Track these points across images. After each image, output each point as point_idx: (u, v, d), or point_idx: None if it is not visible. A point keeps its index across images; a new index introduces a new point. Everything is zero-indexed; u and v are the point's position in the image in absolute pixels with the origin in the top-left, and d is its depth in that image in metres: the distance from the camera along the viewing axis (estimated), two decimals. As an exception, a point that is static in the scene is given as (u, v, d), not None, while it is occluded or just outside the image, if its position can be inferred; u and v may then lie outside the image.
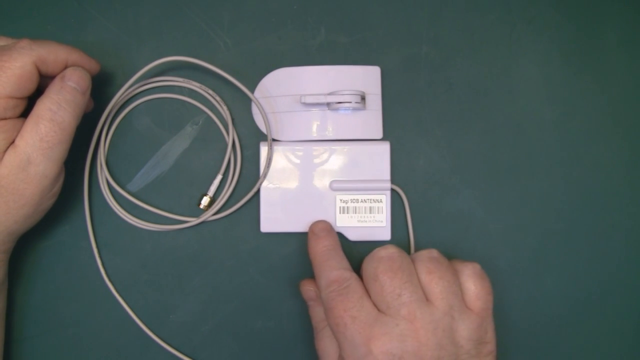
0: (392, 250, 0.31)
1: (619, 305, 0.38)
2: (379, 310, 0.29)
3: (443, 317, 0.29)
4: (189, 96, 0.38)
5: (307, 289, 0.35)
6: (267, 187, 0.37)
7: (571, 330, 0.38)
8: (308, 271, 0.38)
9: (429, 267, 0.30)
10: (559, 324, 0.38)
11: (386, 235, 0.37)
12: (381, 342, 0.28)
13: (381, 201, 0.37)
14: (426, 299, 0.29)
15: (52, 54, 0.31)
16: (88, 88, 0.32)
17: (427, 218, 0.38)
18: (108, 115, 0.37)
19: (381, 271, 0.30)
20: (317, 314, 0.35)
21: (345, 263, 0.32)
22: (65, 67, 0.32)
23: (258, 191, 0.37)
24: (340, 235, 0.37)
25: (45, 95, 0.31)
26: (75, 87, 0.31)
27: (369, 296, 0.30)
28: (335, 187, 0.37)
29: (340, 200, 0.37)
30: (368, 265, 0.31)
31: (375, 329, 0.28)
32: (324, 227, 0.35)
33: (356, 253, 0.38)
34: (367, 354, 0.28)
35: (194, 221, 0.37)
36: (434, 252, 0.32)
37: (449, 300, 0.29)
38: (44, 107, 0.30)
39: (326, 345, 0.33)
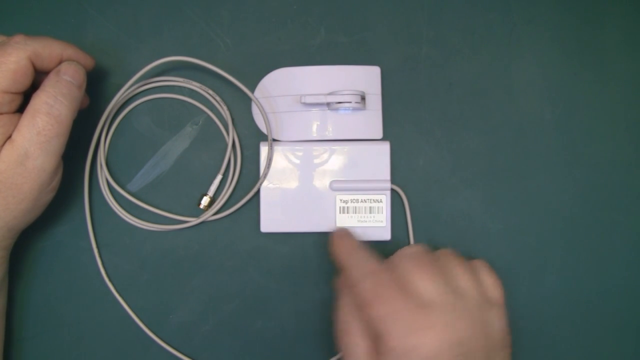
0: (420, 247, 0.32)
1: (619, 305, 0.38)
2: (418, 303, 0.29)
3: (477, 309, 0.30)
4: (189, 96, 0.38)
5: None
6: (267, 187, 0.37)
7: (571, 330, 0.38)
8: (308, 271, 0.38)
9: (453, 263, 0.31)
10: (559, 324, 0.38)
11: (386, 235, 0.37)
12: (428, 333, 0.28)
13: (381, 201, 0.37)
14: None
15: (46, 48, 0.31)
16: (83, 82, 0.33)
17: (427, 218, 0.38)
18: (108, 115, 0.37)
19: (419, 266, 0.30)
20: (346, 310, 0.33)
21: (374, 257, 0.32)
22: (60, 62, 0.32)
23: (258, 191, 0.37)
24: (340, 235, 0.37)
25: (41, 89, 0.31)
26: (71, 80, 0.32)
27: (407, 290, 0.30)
28: (335, 187, 0.37)
29: (340, 200, 0.37)
30: (402, 262, 0.31)
31: (420, 320, 0.28)
32: (345, 230, 0.35)
33: (356, 253, 0.38)
34: (416, 346, 0.28)
35: (194, 221, 0.37)
36: (450, 250, 0.32)
37: (478, 292, 0.31)
38: (40, 100, 0.30)
39: (357, 347, 0.31)
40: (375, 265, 0.31)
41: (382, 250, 0.36)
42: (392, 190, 0.37)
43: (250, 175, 0.38)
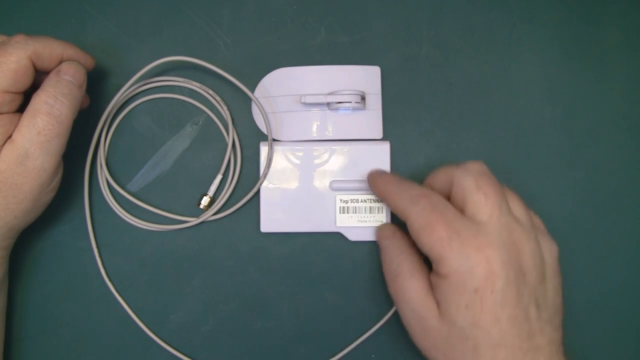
0: (483, 164, 0.32)
1: (619, 305, 0.38)
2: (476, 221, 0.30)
3: (530, 229, 0.30)
4: (189, 96, 0.38)
5: (384, 226, 0.35)
6: (267, 187, 0.37)
7: (571, 331, 0.38)
8: (308, 271, 0.38)
9: (505, 188, 0.32)
10: (559, 324, 0.38)
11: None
12: (490, 249, 0.28)
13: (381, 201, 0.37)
14: None
15: (47, 48, 0.31)
16: (84, 82, 0.33)
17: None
18: (108, 115, 0.37)
19: (484, 183, 0.30)
20: (393, 254, 0.33)
21: (419, 185, 0.32)
22: (61, 62, 0.32)
23: (258, 191, 0.37)
24: (340, 235, 0.37)
25: (42, 89, 0.31)
26: (72, 80, 0.32)
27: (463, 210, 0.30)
28: (335, 187, 0.37)
29: (340, 200, 0.37)
30: (466, 178, 0.30)
31: (481, 238, 0.29)
32: (380, 169, 0.36)
33: (356, 253, 0.38)
34: (479, 263, 0.28)
35: (194, 221, 0.37)
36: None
37: (529, 219, 0.31)
38: (41, 100, 0.30)
39: (411, 284, 0.31)
40: (424, 189, 0.31)
41: (382, 250, 0.36)
42: (392, 190, 0.37)
43: (250, 175, 0.38)
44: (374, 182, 0.35)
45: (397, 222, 0.38)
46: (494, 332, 0.28)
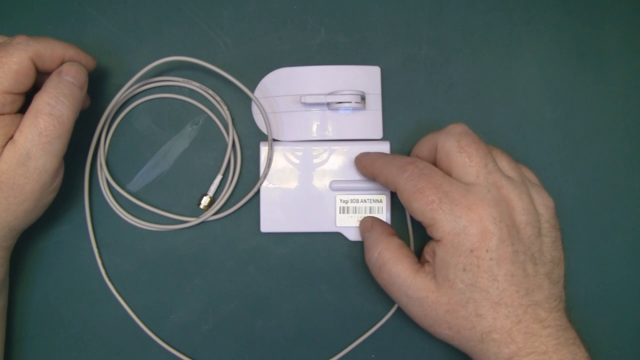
0: (465, 126, 0.32)
1: (619, 305, 0.38)
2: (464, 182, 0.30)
3: (521, 185, 0.30)
4: (189, 96, 0.38)
5: (364, 220, 0.36)
6: (267, 187, 0.37)
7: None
8: (308, 271, 0.38)
9: (491, 147, 0.32)
10: (559, 324, 0.38)
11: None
12: (481, 208, 0.29)
13: (381, 201, 0.37)
14: None
15: (48, 49, 0.31)
16: (85, 83, 0.33)
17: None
18: (108, 115, 0.37)
19: (466, 143, 0.30)
20: (372, 245, 0.33)
21: (404, 155, 0.33)
22: (62, 63, 0.32)
23: (258, 191, 0.37)
24: (340, 235, 0.37)
25: (43, 90, 0.31)
26: (73, 81, 0.32)
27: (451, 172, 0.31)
28: (335, 187, 0.37)
29: (340, 200, 0.37)
30: (448, 141, 0.31)
31: (470, 197, 0.29)
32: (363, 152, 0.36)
33: (356, 253, 0.38)
34: (471, 222, 0.28)
35: (194, 221, 0.37)
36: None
37: (519, 173, 0.31)
38: (42, 101, 0.30)
39: (397, 270, 0.31)
40: (410, 158, 0.32)
41: (382, 250, 0.36)
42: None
43: (250, 175, 0.38)
44: (360, 162, 0.35)
45: (398, 224, 0.38)
46: (492, 291, 0.29)
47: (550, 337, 0.29)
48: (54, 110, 0.30)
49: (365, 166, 0.35)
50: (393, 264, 0.32)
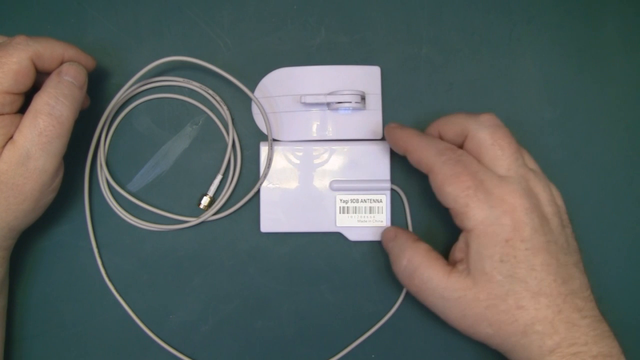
0: (496, 117, 0.32)
1: (619, 305, 0.38)
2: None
3: (544, 179, 0.32)
4: (189, 96, 0.38)
5: (387, 230, 0.35)
6: (267, 187, 0.37)
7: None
8: (308, 271, 0.38)
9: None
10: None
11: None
12: (513, 199, 0.29)
13: (381, 201, 0.37)
14: None
15: (48, 49, 0.31)
16: (85, 83, 0.33)
17: (427, 218, 0.38)
18: (108, 115, 0.37)
19: (499, 137, 0.31)
20: (400, 252, 0.33)
21: (440, 140, 0.33)
22: (62, 63, 0.32)
23: (258, 191, 0.37)
24: (340, 235, 0.37)
25: (43, 90, 0.31)
26: (72, 81, 0.32)
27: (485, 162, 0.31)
28: (335, 187, 0.37)
29: (340, 200, 0.37)
30: (481, 132, 0.31)
31: (504, 188, 0.29)
32: (395, 123, 0.35)
33: (356, 253, 0.38)
34: (505, 212, 0.29)
35: (194, 221, 0.37)
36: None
37: (537, 165, 0.33)
38: (42, 101, 0.30)
39: (431, 274, 0.31)
40: (448, 144, 0.32)
41: (382, 250, 0.37)
42: (392, 190, 0.37)
43: (250, 175, 0.38)
44: (395, 135, 0.34)
45: (398, 224, 0.38)
46: (531, 281, 0.29)
47: (589, 328, 0.29)
48: (53, 111, 0.30)
49: (399, 140, 0.34)
50: (425, 268, 0.31)
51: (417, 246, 0.32)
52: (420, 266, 0.31)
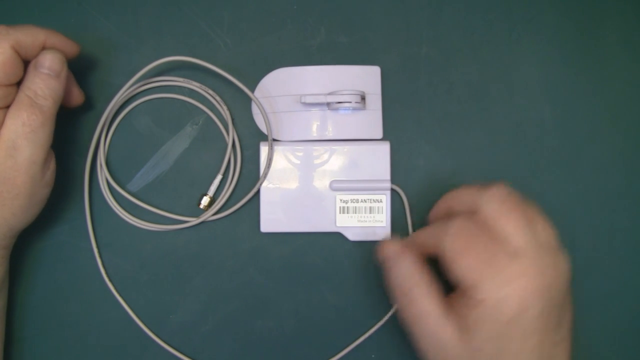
0: (506, 188, 0.31)
1: (619, 305, 0.38)
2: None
3: (558, 252, 0.30)
4: (189, 96, 0.38)
5: (389, 243, 0.33)
6: (267, 187, 0.37)
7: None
8: (308, 271, 0.38)
9: (528, 205, 0.31)
10: (558, 324, 0.38)
11: (386, 235, 0.37)
12: (524, 280, 0.28)
13: (381, 201, 0.37)
14: None
15: (29, 37, 0.31)
16: (62, 70, 0.32)
17: (427, 218, 0.38)
18: (108, 115, 0.37)
19: (509, 209, 0.30)
20: (404, 276, 0.32)
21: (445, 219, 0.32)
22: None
23: (258, 191, 0.37)
24: (340, 235, 0.37)
25: (23, 85, 0.31)
26: (48, 72, 0.31)
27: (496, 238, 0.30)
28: (335, 187, 0.37)
29: (340, 200, 0.37)
30: (491, 205, 0.30)
31: (514, 267, 0.28)
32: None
33: (356, 253, 0.38)
34: (513, 293, 0.28)
35: (194, 221, 0.37)
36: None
37: (550, 234, 0.31)
38: (22, 95, 0.31)
39: (429, 309, 0.30)
40: (454, 219, 0.31)
41: (382, 250, 0.36)
42: (392, 190, 0.37)
43: (250, 175, 0.38)
44: (397, 260, 0.33)
45: (398, 224, 0.38)
46: (519, 358, 0.28)
47: None
48: (34, 103, 0.31)
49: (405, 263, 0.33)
50: (427, 301, 0.30)
51: (424, 273, 0.31)
52: (423, 297, 0.31)
